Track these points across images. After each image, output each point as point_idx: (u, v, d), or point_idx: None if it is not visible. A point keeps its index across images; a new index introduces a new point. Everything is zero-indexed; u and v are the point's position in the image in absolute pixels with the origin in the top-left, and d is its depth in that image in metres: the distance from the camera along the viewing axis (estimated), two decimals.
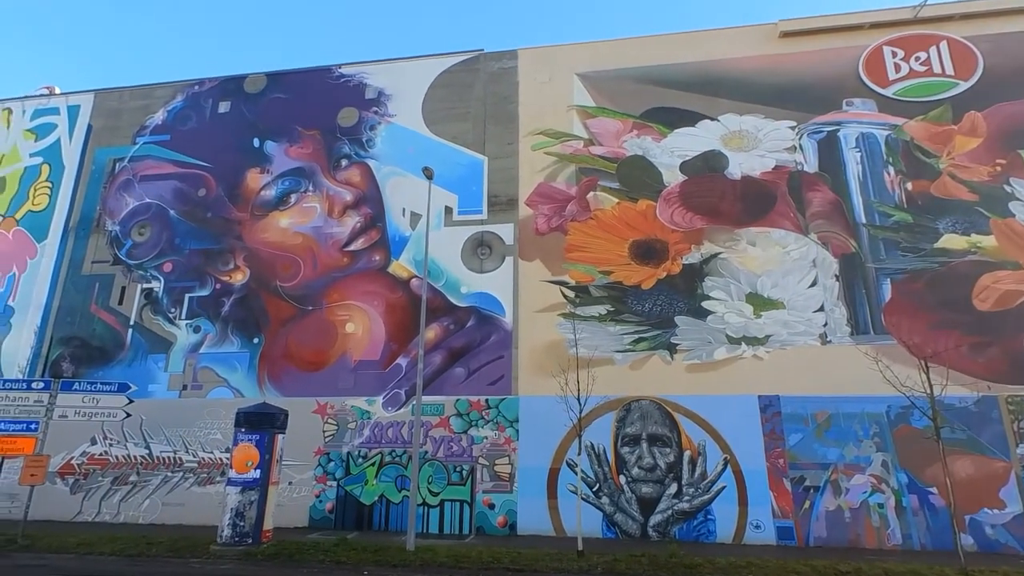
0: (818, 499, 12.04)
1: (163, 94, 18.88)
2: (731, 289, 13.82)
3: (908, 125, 14.54)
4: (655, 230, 14.61)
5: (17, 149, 19.22)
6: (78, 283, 17.01)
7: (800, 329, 13.29)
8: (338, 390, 14.59)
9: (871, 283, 13.49)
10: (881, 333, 13.03)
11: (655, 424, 13.07)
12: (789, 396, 12.74)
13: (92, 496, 14.58)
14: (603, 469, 12.95)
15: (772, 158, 14.78)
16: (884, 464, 12.04)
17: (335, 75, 18.00)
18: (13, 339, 16.69)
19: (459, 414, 13.90)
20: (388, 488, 13.58)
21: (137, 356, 15.90)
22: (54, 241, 17.64)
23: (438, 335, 14.63)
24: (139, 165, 18.08)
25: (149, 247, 17.01)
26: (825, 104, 15.01)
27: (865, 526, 11.73)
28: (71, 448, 14.91)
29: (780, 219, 14.20)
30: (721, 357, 13.38)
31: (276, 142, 17.49)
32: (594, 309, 14.22)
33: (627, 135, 15.62)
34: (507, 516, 12.91)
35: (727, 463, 12.51)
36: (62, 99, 19.75)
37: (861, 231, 13.92)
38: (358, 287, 15.53)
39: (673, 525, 12.32)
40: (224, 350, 15.54)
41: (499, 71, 17.11)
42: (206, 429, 14.71)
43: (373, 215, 16.21)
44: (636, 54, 16.39)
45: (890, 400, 11.75)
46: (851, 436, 12.32)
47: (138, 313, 16.33)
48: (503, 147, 16.21)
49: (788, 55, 15.62)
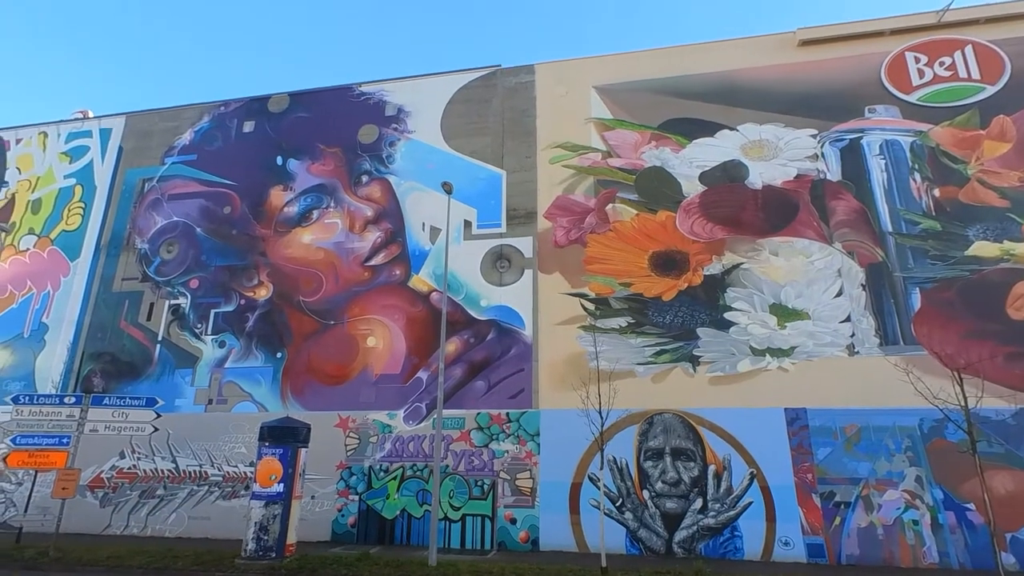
0: (849, 515, 11.69)
1: (190, 115, 19.44)
2: (754, 300, 13.62)
3: (934, 131, 14.27)
4: (675, 241, 14.50)
5: (52, 171, 19.92)
6: (109, 300, 17.47)
7: (826, 340, 13.01)
8: (360, 404, 14.68)
9: (899, 292, 13.17)
10: (911, 344, 12.69)
11: (678, 438, 12.87)
12: (816, 409, 12.45)
13: (121, 509, 14.83)
14: (626, 484, 12.77)
15: (793, 167, 14.61)
16: (918, 479, 11.66)
17: (355, 93, 18.35)
18: (47, 355, 17.17)
19: (480, 428, 13.87)
20: (410, 502, 13.57)
21: (165, 371, 16.22)
22: (86, 259, 18.18)
23: (458, 348, 14.67)
24: (167, 185, 18.59)
25: (176, 264, 17.42)
26: (847, 112, 14.82)
27: (899, 544, 11.34)
28: (101, 462, 15.22)
29: (803, 228, 13.99)
30: (745, 369, 13.16)
31: (298, 160, 17.85)
32: (614, 321, 14.13)
33: (645, 146, 15.60)
34: (529, 531, 12.79)
35: (753, 477, 12.25)
36: (95, 122, 20.45)
37: (888, 239, 13.64)
38: (379, 301, 15.68)
39: (699, 541, 12.06)
40: (248, 365, 15.78)
41: (516, 86, 17.27)
42: (231, 443, 14.90)
43: (393, 230, 16.39)
44: (653, 66, 16.41)
45: (922, 413, 11.40)
46: (882, 450, 11.97)
47: (166, 329, 16.69)
48: (521, 161, 16.31)
49: (807, 63, 15.50)
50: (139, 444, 15.20)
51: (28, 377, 16.96)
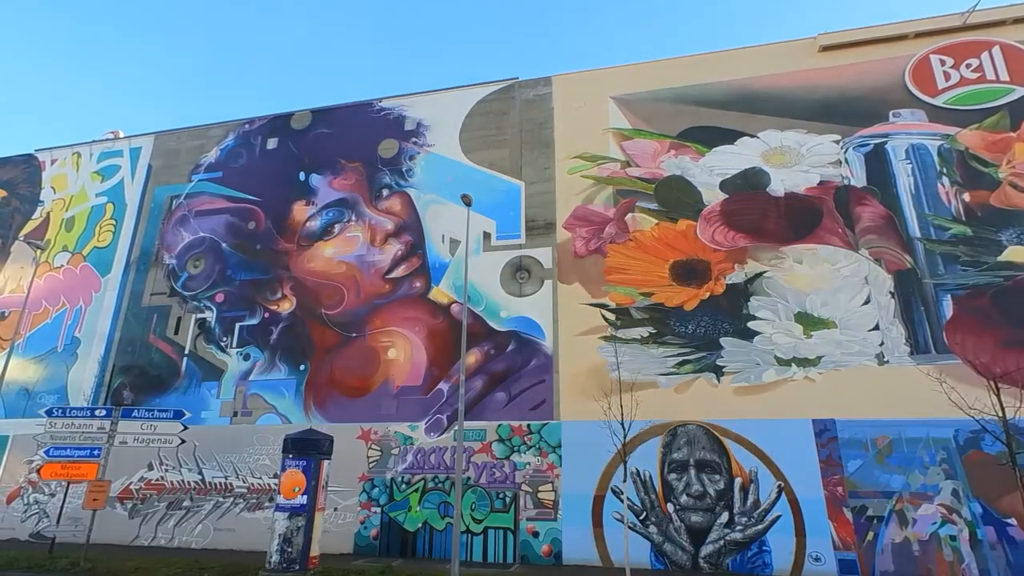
0: (882, 530, 11.33)
1: (216, 134, 19.93)
2: (778, 309, 13.38)
3: (962, 134, 13.94)
4: (696, 250, 14.35)
5: (85, 190, 20.57)
6: (138, 314, 17.89)
7: (855, 349, 12.71)
8: (381, 416, 14.74)
9: (930, 300, 12.83)
10: (943, 352, 12.32)
11: (703, 450, 12.65)
12: (846, 420, 12.13)
13: (149, 521, 15.07)
14: (650, 497, 12.57)
15: (816, 173, 14.39)
16: (954, 493, 11.25)
17: (375, 109, 18.64)
18: (79, 368, 17.62)
19: (501, 440, 13.80)
20: (431, 515, 13.53)
21: (191, 384, 16.51)
22: (117, 275, 18.67)
23: (479, 360, 14.67)
24: (194, 201, 19.04)
25: (203, 279, 17.79)
26: (870, 116, 14.57)
27: (936, 560, 10.94)
28: (130, 474, 15.51)
29: (828, 235, 13.74)
30: (771, 379, 12.90)
31: (320, 175, 18.15)
32: (636, 331, 13.99)
33: (664, 155, 15.52)
34: (552, 545, 12.64)
35: (781, 490, 11.95)
36: (125, 142, 21.09)
37: (916, 246, 13.31)
38: (400, 313, 15.78)
39: (726, 556, 11.79)
40: (272, 377, 15.98)
41: (534, 98, 17.37)
42: (255, 455, 15.07)
43: (413, 243, 16.53)
44: (671, 75, 16.37)
45: (957, 424, 11.05)
46: (916, 463, 11.60)
47: (192, 342, 17.02)
48: (540, 172, 16.35)
49: (829, 69, 15.30)
50: (167, 456, 15.46)
51: (61, 390, 17.42)
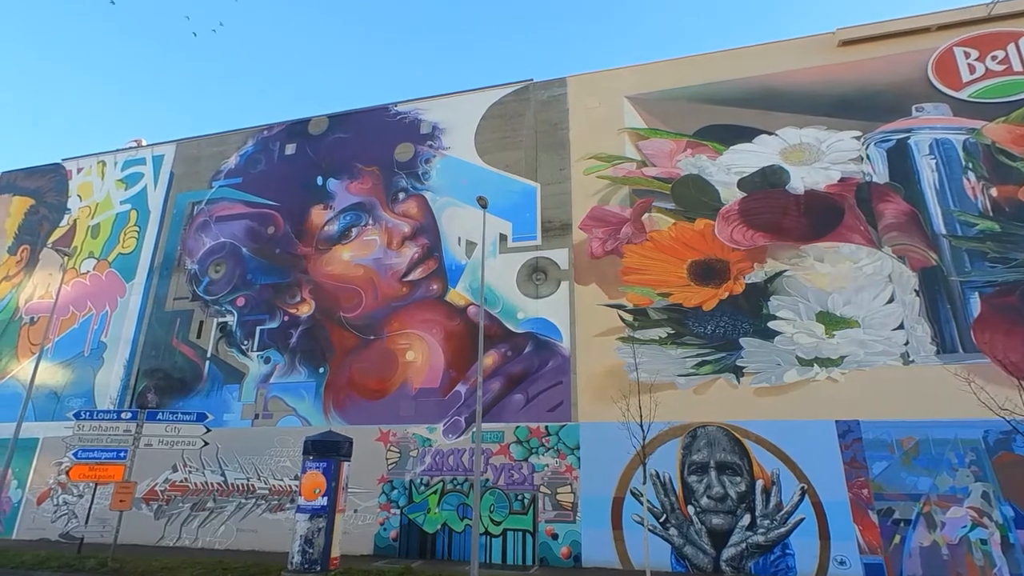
0: (910, 533, 11.08)
1: (236, 140, 20.25)
2: (799, 308, 13.19)
3: (988, 128, 13.61)
4: (714, 249, 14.21)
5: (110, 198, 21.03)
6: (161, 319, 18.23)
7: (879, 349, 12.46)
8: (400, 418, 14.82)
9: (956, 298, 12.53)
10: (971, 351, 12.02)
11: (723, 451, 12.50)
12: (870, 421, 11.90)
13: (173, 521, 15.33)
14: (670, 499, 12.46)
15: (837, 170, 14.15)
16: (985, 495, 10.97)
17: (391, 113, 18.78)
18: (105, 372, 18.01)
19: (519, 441, 13.79)
20: (450, 516, 13.57)
21: (214, 387, 16.77)
22: (141, 280, 19.05)
23: (496, 362, 14.68)
24: (215, 207, 19.36)
25: (224, 283, 18.07)
26: (892, 111, 14.30)
27: (967, 564, 10.67)
28: (155, 475, 15.79)
29: (849, 233, 13.51)
30: (792, 380, 12.71)
31: (338, 179, 18.33)
32: (654, 332, 13.89)
33: (681, 155, 15.40)
34: (571, 547, 12.59)
35: (804, 492, 11.76)
36: (148, 150, 21.53)
37: (941, 242, 13.02)
38: (417, 316, 15.86)
39: (748, 559, 11.63)
40: (292, 380, 16.17)
41: (549, 99, 17.35)
42: (276, 457, 15.25)
43: (430, 245, 16.61)
44: (687, 74, 16.23)
45: (987, 424, 10.78)
46: (944, 464, 11.32)
47: (214, 346, 17.29)
48: (555, 173, 16.32)
49: (849, 63, 15.05)
50: (190, 458, 15.72)
51: (88, 394, 17.81)
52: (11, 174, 23.11)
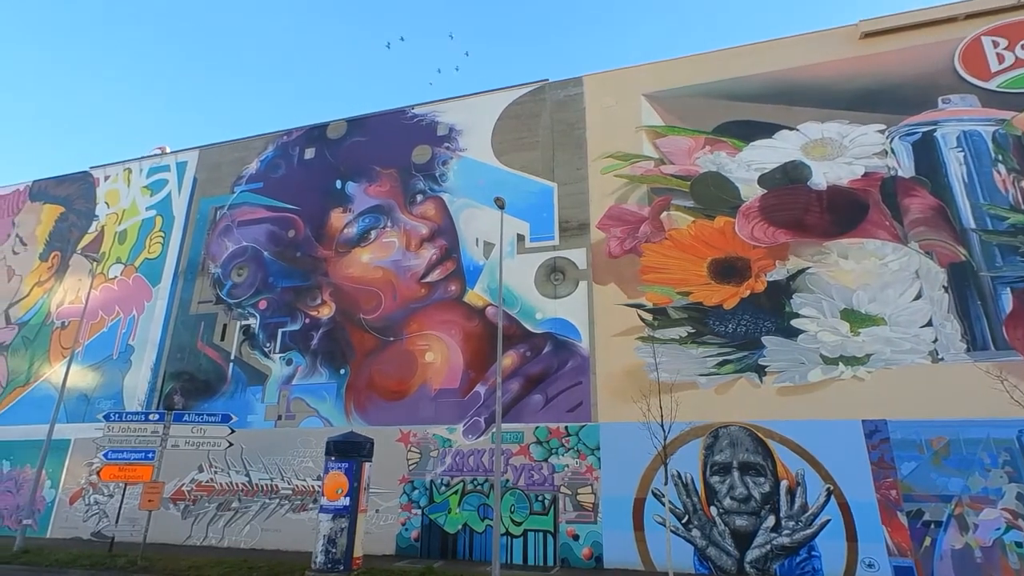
0: (941, 536, 10.81)
1: (257, 145, 20.56)
2: (823, 306, 12.95)
3: (1018, 119, 13.22)
4: (735, 247, 14.02)
5: (136, 204, 21.52)
6: (186, 322, 18.60)
7: (906, 347, 12.18)
8: (420, 419, 14.90)
9: (987, 293, 12.19)
10: (1004, 348, 11.68)
11: (746, 451, 12.33)
12: (898, 420, 11.64)
13: (200, 521, 15.61)
14: (692, 500, 12.33)
15: (860, 165, 13.87)
16: (1019, 497, 10.65)
17: (409, 116, 18.91)
18: (133, 375, 18.42)
19: (539, 442, 13.77)
20: (471, 517, 13.60)
21: (237, 388, 17.05)
22: (166, 285, 19.46)
23: (515, 362, 14.67)
24: (237, 212, 19.69)
25: (246, 287, 18.36)
26: (918, 104, 13.97)
27: (1001, 567, 10.37)
28: (182, 475, 16.11)
29: (874, 229, 13.23)
30: (816, 379, 12.49)
31: (356, 182, 18.51)
32: (674, 331, 13.76)
33: (699, 152, 15.23)
34: (592, 548, 12.53)
35: (830, 493, 11.54)
36: (172, 157, 21.98)
37: (971, 237, 12.68)
38: (436, 317, 15.94)
39: (773, 561, 11.45)
40: (314, 381, 16.36)
41: (565, 98, 17.30)
42: (299, 457, 15.44)
43: (448, 247, 16.68)
44: (704, 70, 16.06)
45: (1021, 424, 10.47)
46: (976, 465, 11.02)
47: (238, 348, 17.58)
48: (572, 172, 16.27)
49: (872, 56, 14.74)
50: (216, 458, 16.00)
51: (117, 396, 18.24)
52: (42, 182, 23.78)
